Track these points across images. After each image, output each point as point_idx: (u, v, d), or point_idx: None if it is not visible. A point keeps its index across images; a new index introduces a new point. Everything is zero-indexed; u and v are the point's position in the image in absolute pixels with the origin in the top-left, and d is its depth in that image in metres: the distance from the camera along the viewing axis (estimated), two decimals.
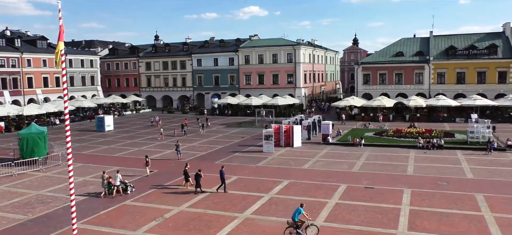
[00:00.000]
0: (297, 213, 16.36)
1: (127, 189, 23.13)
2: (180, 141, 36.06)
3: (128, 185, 23.31)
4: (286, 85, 71.40)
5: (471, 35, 66.74)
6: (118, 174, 23.05)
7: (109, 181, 22.65)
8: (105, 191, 22.64)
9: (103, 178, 22.84)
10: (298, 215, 16.30)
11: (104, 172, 23.35)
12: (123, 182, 23.20)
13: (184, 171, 24.03)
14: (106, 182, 22.62)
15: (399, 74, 63.74)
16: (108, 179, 22.69)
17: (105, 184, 22.60)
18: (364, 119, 54.56)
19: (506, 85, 58.11)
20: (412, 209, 19.42)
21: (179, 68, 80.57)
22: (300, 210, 16.37)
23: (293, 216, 16.41)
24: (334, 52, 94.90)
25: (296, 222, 16.26)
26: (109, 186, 22.63)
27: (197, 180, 22.71)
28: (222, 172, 23.00)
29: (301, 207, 16.51)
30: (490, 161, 29.98)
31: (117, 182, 22.74)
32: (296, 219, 16.28)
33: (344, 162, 30.38)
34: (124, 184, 23.19)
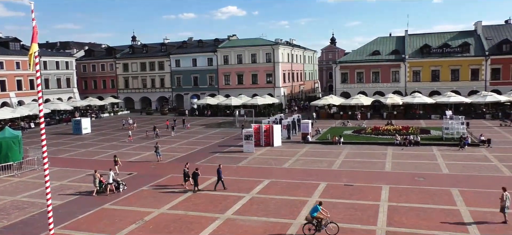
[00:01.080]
0: (314, 210, 16.58)
1: (119, 187, 23.77)
2: (159, 142, 35.71)
3: (120, 183, 23.95)
4: (265, 85, 71.58)
5: (444, 33, 68.36)
6: (111, 172, 23.79)
7: (100, 180, 23.33)
8: (96, 189, 23.17)
9: (94, 176, 23.41)
10: (315, 212, 16.48)
11: (96, 171, 23.89)
12: (115, 180, 23.92)
13: (184, 171, 24.15)
14: (98, 181, 23.22)
15: (376, 72, 64.77)
16: (100, 178, 23.40)
17: (97, 183, 23.18)
18: (342, 117, 55.23)
19: (479, 82, 59.79)
20: (391, 205, 19.79)
21: (157, 69, 79.76)
22: (317, 208, 16.60)
23: (311, 213, 16.64)
24: (312, 52, 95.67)
25: (314, 218, 16.43)
26: (101, 184, 23.30)
27: (195, 179, 23.10)
28: (219, 170, 23.61)
29: (319, 205, 16.72)
30: (465, 156, 30.79)
31: (109, 180, 23.40)
32: (313, 215, 16.47)
33: (323, 160, 30.69)
34: (116, 182, 23.84)
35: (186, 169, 24.13)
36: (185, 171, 24.05)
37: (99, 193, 23.25)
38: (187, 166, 24.55)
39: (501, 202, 17.44)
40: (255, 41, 75.71)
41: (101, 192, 23.24)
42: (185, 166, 24.57)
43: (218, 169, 23.78)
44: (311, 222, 16.50)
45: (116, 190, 23.55)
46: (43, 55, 70.79)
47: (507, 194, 17.44)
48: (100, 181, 23.40)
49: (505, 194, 17.48)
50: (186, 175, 23.91)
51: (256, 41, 75.18)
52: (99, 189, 23.31)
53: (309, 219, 16.58)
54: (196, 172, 23.19)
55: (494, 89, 57.35)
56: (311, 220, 16.49)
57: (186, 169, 24.13)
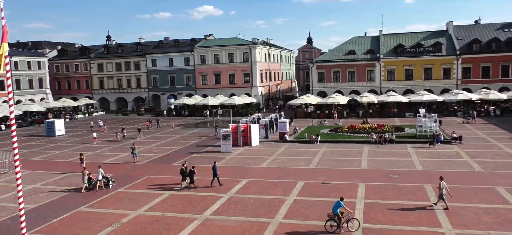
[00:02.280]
0: (336, 206, 16.56)
1: (109, 183, 24.36)
2: (136, 144, 35.24)
3: (109, 180, 24.52)
4: (242, 84, 71.60)
5: (417, 33, 69.99)
6: (100, 169, 24.37)
7: (89, 177, 23.96)
8: (85, 186, 23.73)
9: (83, 173, 24.01)
10: (337, 208, 16.49)
11: (85, 168, 24.74)
12: (105, 176, 24.43)
13: (181, 170, 24.25)
14: (86, 178, 23.85)
15: (352, 72, 65.70)
16: (89, 174, 24.00)
17: (86, 180, 23.79)
18: (319, 116, 55.79)
19: (450, 80, 61.46)
20: (367, 202, 20.12)
21: (133, 69, 78.66)
22: (340, 203, 16.60)
23: (333, 209, 16.59)
24: (289, 51, 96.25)
25: (336, 215, 16.43)
26: (90, 181, 23.94)
27: (191, 177, 23.67)
28: (214, 167, 24.11)
29: (341, 201, 16.74)
30: (438, 153, 31.59)
31: (99, 176, 24.02)
32: (336, 212, 16.48)
33: (301, 159, 30.93)
34: (106, 178, 24.40)
35: (183, 168, 24.22)
36: (183, 169, 24.14)
37: (88, 189, 23.76)
38: (185, 165, 24.52)
39: (439, 190, 18.88)
40: (232, 40, 75.63)
41: (90, 189, 23.81)
42: (183, 165, 24.56)
43: (214, 166, 24.29)
44: (333, 218, 16.52)
45: (105, 186, 24.12)
46: (13, 55, 68.87)
47: (443, 183, 18.84)
48: (89, 178, 24.00)
49: (442, 183, 18.86)
50: (184, 173, 23.99)
51: (233, 41, 75.12)
52: (89, 186, 23.87)
53: (331, 216, 16.61)
54: (192, 170, 23.84)
55: (465, 88, 59.10)
56: (333, 217, 16.53)
57: (184, 168, 24.20)
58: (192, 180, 23.78)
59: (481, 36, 63.56)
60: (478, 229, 16.26)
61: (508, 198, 19.84)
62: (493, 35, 63.22)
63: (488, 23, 68.62)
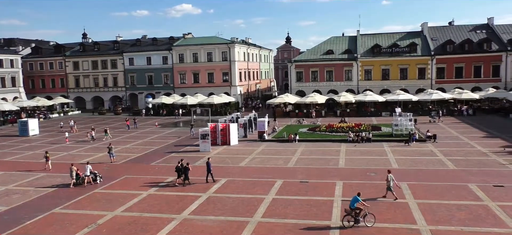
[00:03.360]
0: (354, 201, 16.87)
1: (96, 178, 25.05)
2: (112, 143, 34.70)
3: (97, 175, 25.20)
4: (221, 83, 71.43)
5: (393, 34, 71.23)
6: (88, 165, 25.06)
7: (77, 173, 24.53)
8: (73, 181, 24.27)
9: (71, 169, 24.48)
10: (355, 203, 16.80)
11: (72, 164, 25.12)
12: (93, 172, 25.07)
13: (176, 167, 24.43)
14: (74, 173, 24.38)
15: (330, 71, 66.38)
16: (77, 170, 24.57)
17: (74, 176, 24.32)
18: (298, 115, 56.16)
19: (425, 80, 62.83)
20: (344, 200, 20.34)
21: (110, 68, 77.41)
22: (357, 199, 16.93)
23: (351, 204, 16.89)
24: (268, 51, 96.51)
25: (353, 210, 16.70)
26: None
27: (185, 173, 24.00)
28: (208, 163, 24.62)
29: (358, 196, 17.08)
30: (413, 151, 32.26)
31: (87, 172, 24.68)
32: (353, 206, 16.77)
33: (280, 158, 31.09)
34: (93, 174, 25.04)
35: (179, 165, 24.37)
36: (178, 166, 24.32)
37: (76, 185, 24.33)
38: (181, 162, 24.62)
39: (387, 183, 20.22)
40: (211, 39, 75.36)
41: (78, 184, 24.38)
42: (179, 163, 24.67)
43: (208, 162, 24.78)
44: (350, 214, 16.80)
45: (93, 181, 24.75)
46: None
47: (391, 176, 20.26)
48: (77, 174, 24.59)
49: (389, 175, 20.24)
50: (180, 170, 24.17)
51: (212, 40, 74.86)
52: (77, 181, 24.42)
53: (348, 211, 16.90)
54: (187, 167, 24.12)
55: (439, 88, 60.54)
56: (350, 212, 16.82)
57: (179, 165, 24.36)
58: (187, 177, 24.08)
59: (455, 37, 65.21)
60: (451, 225, 16.71)
61: (480, 195, 20.45)
62: (466, 36, 64.94)
63: (461, 25, 70.45)
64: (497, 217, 17.49)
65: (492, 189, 21.43)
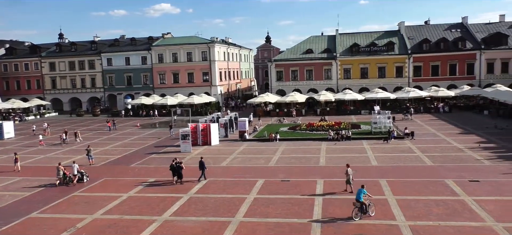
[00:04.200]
0: (361, 194, 17.70)
1: (83, 178, 25.47)
2: (91, 145, 34.13)
3: (84, 174, 25.64)
4: (202, 83, 71.10)
5: (372, 33, 72.22)
6: (75, 164, 25.58)
7: (64, 172, 24.91)
8: (60, 180, 24.74)
9: (58, 169, 24.98)
10: (362, 195, 17.65)
11: (59, 164, 25.67)
12: (79, 171, 25.54)
13: (171, 166, 24.67)
14: (61, 173, 24.81)
15: (309, 70, 66.86)
16: (64, 169, 25.04)
17: (61, 175, 24.76)
18: (278, 115, 56.39)
19: (403, 79, 63.94)
20: (325, 198, 20.59)
21: (88, 69, 76.05)
22: (363, 191, 17.83)
23: (358, 197, 17.66)
24: (248, 50, 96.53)
25: (361, 202, 17.51)
26: (65, 176, 24.90)
27: (179, 172, 24.14)
28: (202, 162, 24.81)
29: (363, 188, 17.99)
30: (391, 148, 32.82)
31: (74, 171, 25.16)
32: (361, 199, 17.54)
33: (261, 157, 31.17)
34: (80, 173, 25.51)
35: (173, 164, 24.55)
36: (173, 165, 24.51)
37: (63, 184, 24.74)
38: (175, 161, 24.78)
39: (346, 176, 21.31)
40: (190, 39, 74.93)
41: (66, 183, 24.80)
42: (173, 161, 24.84)
43: (201, 161, 24.91)
44: (358, 206, 17.56)
45: (79, 180, 25.18)
46: None
47: (350, 170, 21.41)
48: (64, 173, 24.96)
49: (348, 169, 21.40)
50: (174, 169, 24.37)
51: (192, 39, 74.44)
52: (64, 181, 24.85)
53: (356, 205, 17.59)
54: (180, 165, 24.28)
55: (416, 86, 61.77)
56: (358, 205, 17.55)
57: (174, 164, 24.54)
58: (180, 175, 24.20)
59: (431, 36, 66.56)
60: (429, 220, 17.07)
61: (456, 190, 20.96)
62: (441, 35, 66.37)
63: (436, 24, 71.95)
64: (473, 211, 17.96)
65: (468, 184, 22.00)
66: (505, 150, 30.39)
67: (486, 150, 30.58)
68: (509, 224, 16.28)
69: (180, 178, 24.27)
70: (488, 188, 21.17)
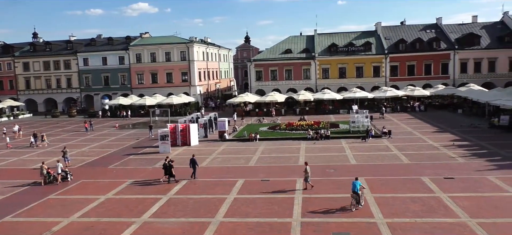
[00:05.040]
0: (357, 185, 18.72)
1: (67, 176, 25.73)
2: (68, 147, 33.43)
3: (68, 173, 25.91)
4: (180, 83, 70.57)
5: (349, 33, 73.06)
6: (59, 164, 25.81)
7: (48, 171, 25.19)
8: (45, 180, 24.93)
9: (42, 168, 25.15)
10: (357, 186, 18.69)
11: (43, 163, 25.85)
12: (64, 170, 25.86)
13: (163, 164, 24.87)
14: (45, 172, 25.02)
15: (288, 70, 67.19)
16: (47, 169, 25.35)
17: (45, 174, 24.96)
18: (258, 114, 56.48)
19: (380, 78, 64.96)
20: (305, 196, 20.73)
21: (63, 69, 74.43)
22: (359, 183, 18.95)
23: (354, 189, 18.65)
24: (227, 50, 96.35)
25: (357, 193, 18.61)
26: (49, 175, 25.12)
27: (169, 170, 24.33)
28: (193, 160, 25.07)
29: (357, 180, 19.14)
30: (369, 147, 33.31)
31: (58, 170, 25.35)
32: (357, 190, 18.62)
33: (241, 157, 31.15)
34: (64, 172, 25.79)
35: (166, 163, 24.65)
36: (165, 164, 24.64)
37: (48, 183, 24.92)
38: (167, 160, 24.93)
39: (305, 174, 21.84)
40: (169, 39, 74.28)
41: (50, 182, 24.98)
42: (165, 160, 25.03)
43: (193, 159, 25.16)
44: (355, 198, 18.65)
45: (63, 179, 25.41)
46: None
47: (308, 168, 21.92)
48: (48, 172, 25.21)
49: (307, 167, 21.90)
50: (166, 167, 24.53)
51: (170, 39, 73.81)
52: (48, 180, 25.05)
53: (354, 196, 18.64)
54: (171, 164, 24.52)
55: (393, 85, 62.86)
56: (355, 197, 18.64)
57: (166, 163, 24.64)
58: (172, 174, 24.37)
59: (406, 36, 67.83)
60: (406, 217, 17.41)
61: (432, 187, 21.43)
62: (417, 35, 67.72)
63: (412, 24, 73.30)
64: (448, 207, 18.41)
65: (443, 181, 22.53)
66: (478, 148, 31.26)
67: (460, 148, 31.38)
68: (483, 220, 16.77)
69: (172, 176, 24.44)
70: (462, 185, 21.73)
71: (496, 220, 16.74)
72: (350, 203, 18.59)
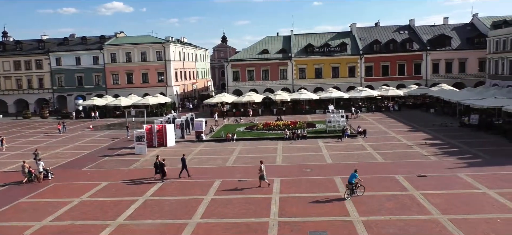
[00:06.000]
0: (353, 177, 20.14)
1: (48, 175, 26.01)
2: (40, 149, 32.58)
3: (48, 172, 26.18)
4: (157, 84, 69.75)
5: (325, 34, 73.87)
6: (41, 162, 26.30)
7: (29, 170, 25.37)
8: (26, 178, 25.18)
9: (23, 167, 25.44)
10: (353, 178, 20.08)
11: (24, 162, 26.13)
12: (45, 169, 26.08)
13: (154, 163, 25.40)
14: (27, 171, 25.23)
15: (265, 70, 67.39)
16: (29, 168, 25.51)
17: (26, 173, 25.19)
18: (235, 115, 56.44)
19: (355, 78, 65.92)
20: (282, 196, 20.86)
21: (35, 69, 72.42)
22: (355, 175, 20.22)
23: (350, 180, 20.14)
24: (204, 50, 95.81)
25: (352, 184, 20.07)
26: (30, 174, 25.31)
27: (162, 169, 24.70)
28: (183, 159, 25.66)
29: (356, 172, 20.36)
30: (345, 146, 33.78)
31: (39, 168, 25.67)
32: (352, 181, 20.06)
33: (218, 158, 31.07)
34: (45, 170, 26.03)
35: (158, 162, 25.07)
36: (157, 163, 25.10)
37: (29, 181, 25.14)
38: (159, 159, 25.36)
39: (260, 172, 22.38)
40: (144, 38, 73.32)
41: (31, 181, 25.20)
42: (157, 159, 25.48)
43: (182, 157, 25.78)
44: (349, 187, 20.15)
45: (45, 178, 25.69)
46: None
47: (263, 166, 22.51)
48: (29, 171, 25.35)
49: (262, 166, 22.48)
50: (157, 166, 24.95)
51: (146, 39, 72.87)
52: (29, 178, 25.23)
53: (349, 186, 20.21)
54: (163, 163, 24.93)
55: (368, 85, 63.90)
56: (349, 186, 20.15)
57: (158, 162, 25.05)
58: (164, 173, 24.69)
59: (381, 37, 69.08)
60: (381, 215, 17.75)
61: (406, 185, 21.92)
62: (391, 36, 69.07)
63: (386, 25, 74.70)
64: (421, 205, 18.87)
65: (416, 179, 23.08)
66: (449, 146, 32.14)
67: (432, 146, 32.21)
68: (454, 216, 17.27)
69: (164, 175, 24.72)
70: (434, 183, 22.31)
71: (467, 216, 17.27)
72: (344, 192, 20.29)
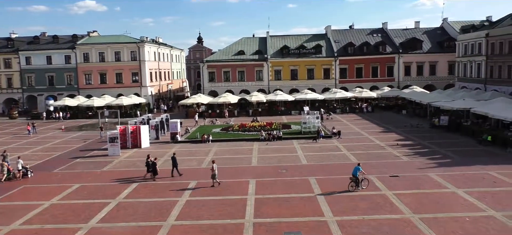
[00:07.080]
0: (357, 170, 21.15)
1: (28, 173, 26.24)
2: (8, 150, 31.55)
3: (28, 170, 26.37)
4: (131, 84, 68.68)
5: (301, 36, 74.51)
6: (20, 160, 26.21)
7: (8, 168, 25.60)
8: (4, 176, 25.25)
9: (2, 165, 25.62)
10: (357, 171, 21.07)
11: (3, 160, 26.51)
12: (24, 167, 26.20)
13: (146, 162, 25.26)
14: (5, 169, 25.44)
15: (241, 71, 67.39)
16: (7, 166, 25.78)
17: (5, 171, 25.34)
18: (211, 116, 56.22)
19: (330, 80, 66.71)
20: (257, 197, 20.92)
21: (3, 68, 70.05)
22: (359, 169, 21.26)
23: (354, 173, 21.13)
24: (180, 50, 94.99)
25: (356, 177, 20.98)
26: (9, 172, 25.53)
27: (154, 169, 24.78)
28: (173, 158, 26.12)
29: (359, 166, 21.44)
30: (320, 147, 34.16)
31: (18, 166, 25.71)
32: (356, 174, 21.01)
33: (193, 159, 30.88)
34: (25, 169, 26.19)
35: (149, 161, 25.10)
36: (148, 162, 25.12)
37: (8, 179, 25.36)
38: (150, 158, 25.36)
39: (212, 172, 22.97)
40: (118, 38, 72.10)
41: (10, 179, 25.43)
42: (148, 158, 25.41)
43: (173, 157, 26.20)
44: (354, 180, 21.00)
45: (24, 176, 25.88)
46: None
47: (215, 165, 23.18)
48: (8, 169, 25.60)
49: (214, 165, 23.17)
50: (149, 165, 24.96)
51: (120, 38, 71.67)
52: (8, 176, 25.43)
53: (352, 179, 21.09)
54: (155, 162, 25.15)
55: (343, 87, 64.78)
56: (354, 179, 21.00)
57: (150, 161, 25.09)
58: (155, 171, 24.83)
59: (355, 40, 70.18)
60: (354, 215, 18.05)
61: (379, 185, 22.36)
62: (364, 39, 70.32)
63: (360, 29, 75.96)
64: (393, 204, 19.29)
65: (389, 179, 23.57)
66: (420, 147, 32.97)
67: (404, 147, 32.96)
68: (425, 215, 17.74)
69: (155, 174, 24.84)
70: (406, 183, 22.85)
71: (437, 215, 17.77)
72: (348, 185, 21.25)
